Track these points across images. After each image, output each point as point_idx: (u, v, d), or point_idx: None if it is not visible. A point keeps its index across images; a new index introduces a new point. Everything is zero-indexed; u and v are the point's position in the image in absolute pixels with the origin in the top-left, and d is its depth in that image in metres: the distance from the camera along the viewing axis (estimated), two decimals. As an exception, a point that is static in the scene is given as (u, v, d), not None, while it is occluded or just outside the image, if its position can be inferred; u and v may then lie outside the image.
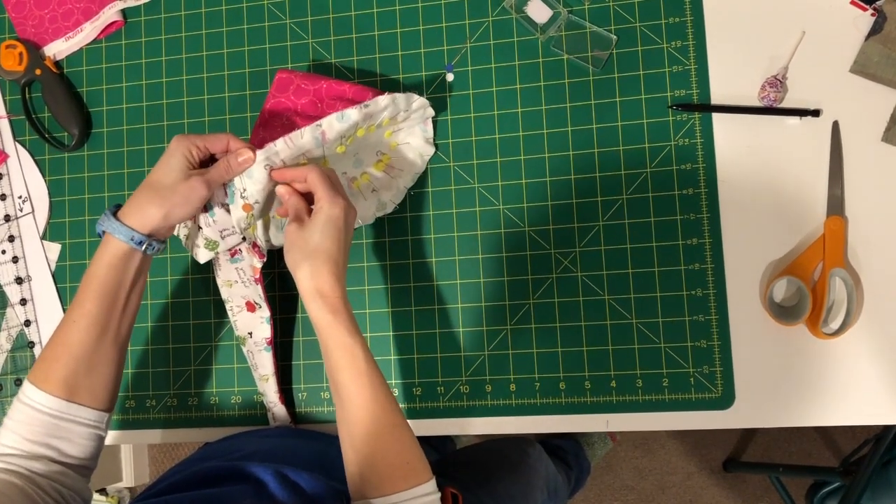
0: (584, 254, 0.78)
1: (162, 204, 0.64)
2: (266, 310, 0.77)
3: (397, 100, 0.72)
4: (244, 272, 0.76)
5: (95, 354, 0.64)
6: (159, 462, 1.74)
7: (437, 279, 0.81)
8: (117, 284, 0.64)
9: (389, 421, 0.61)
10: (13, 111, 0.92)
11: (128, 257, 0.64)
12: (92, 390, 0.64)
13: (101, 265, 0.64)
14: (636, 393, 0.77)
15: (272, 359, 0.79)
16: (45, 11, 0.91)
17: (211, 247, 0.71)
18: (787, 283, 0.76)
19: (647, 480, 1.59)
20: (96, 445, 0.65)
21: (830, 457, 1.53)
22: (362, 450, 0.60)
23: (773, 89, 0.74)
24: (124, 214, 0.64)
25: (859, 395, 0.73)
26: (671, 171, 0.77)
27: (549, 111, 0.80)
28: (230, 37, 0.87)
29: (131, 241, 0.64)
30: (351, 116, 0.69)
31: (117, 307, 0.65)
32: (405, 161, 0.79)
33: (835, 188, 0.74)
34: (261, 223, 0.72)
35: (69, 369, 0.62)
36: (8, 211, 0.90)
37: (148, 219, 0.64)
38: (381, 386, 0.62)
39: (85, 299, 0.64)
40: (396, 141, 0.78)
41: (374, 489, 0.59)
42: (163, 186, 0.64)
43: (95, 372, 0.64)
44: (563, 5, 0.80)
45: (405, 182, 0.80)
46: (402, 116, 0.75)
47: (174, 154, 0.65)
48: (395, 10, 0.84)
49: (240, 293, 0.78)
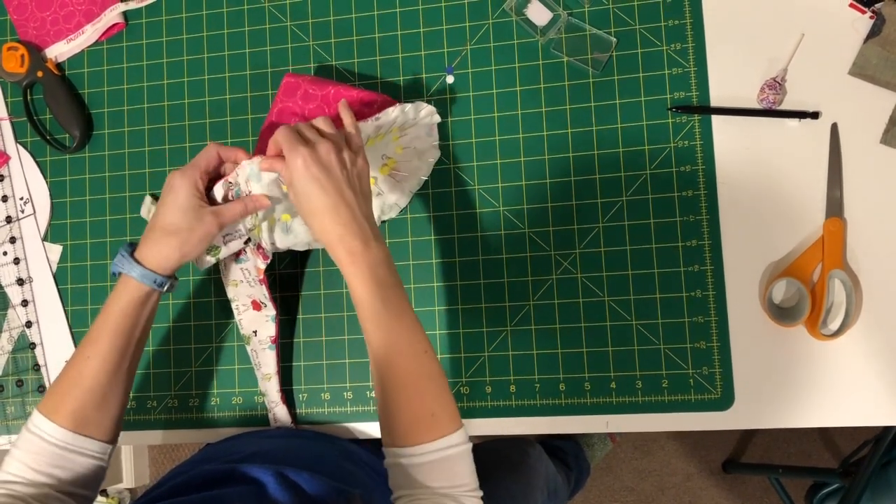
0: (584, 255, 0.78)
1: (181, 247, 0.65)
2: (272, 308, 0.78)
3: (406, 110, 0.73)
4: (249, 272, 0.76)
5: (107, 390, 0.65)
6: (160, 463, 1.74)
7: (437, 280, 0.81)
8: (133, 324, 0.66)
9: (412, 371, 0.60)
10: (15, 113, 0.92)
11: (147, 298, 0.66)
12: (100, 424, 0.65)
13: (120, 305, 0.65)
14: (636, 394, 0.77)
15: (275, 357, 0.80)
16: (46, 13, 0.91)
17: (213, 253, 0.72)
18: (786, 285, 0.76)
19: (646, 482, 1.60)
20: (97, 476, 0.66)
21: (830, 458, 1.53)
22: (384, 400, 0.60)
23: (773, 91, 0.75)
24: (143, 257, 0.65)
25: (858, 396, 0.73)
26: (671, 172, 0.77)
27: (548, 113, 0.80)
28: (231, 39, 0.88)
29: (154, 283, 0.65)
30: (363, 130, 0.69)
31: (131, 345, 0.66)
32: (410, 165, 0.79)
33: (834, 190, 0.74)
34: (266, 225, 0.73)
35: (80, 402, 0.64)
36: (9, 212, 0.91)
37: (168, 261, 0.65)
38: (401, 335, 0.61)
39: (100, 337, 0.65)
40: (402, 145, 0.78)
41: (399, 439, 0.59)
42: (179, 229, 0.65)
43: (104, 407, 0.65)
44: (562, 8, 0.81)
45: (410, 186, 0.80)
46: (409, 124, 0.76)
47: (181, 193, 0.66)
48: (396, 12, 0.84)
49: (245, 292, 0.78)
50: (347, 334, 0.82)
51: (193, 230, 0.65)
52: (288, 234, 0.75)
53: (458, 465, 0.59)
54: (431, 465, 0.58)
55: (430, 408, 0.59)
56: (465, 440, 0.60)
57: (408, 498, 0.58)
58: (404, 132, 0.77)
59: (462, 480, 0.58)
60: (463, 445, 0.59)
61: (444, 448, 0.58)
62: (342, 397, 0.82)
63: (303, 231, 0.75)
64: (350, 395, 0.82)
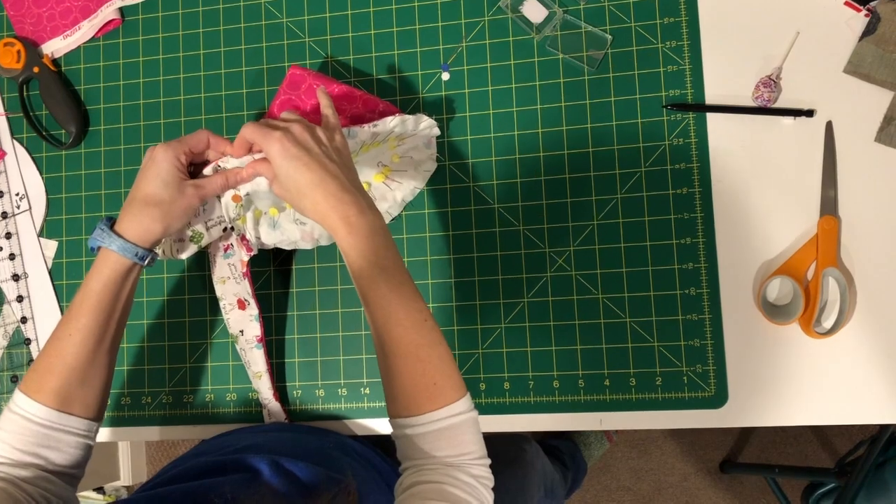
0: (579, 252, 0.78)
1: (163, 218, 0.64)
2: (255, 307, 0.78)
3: (406, 122, 0.73)
4: (236, 268, 0.76)
5: (90, 367, 0.64)
6: (156, 460, 1.74)
7: (432, 277, 0.81)
8: (115, 299, 0.65)
9: (413, 340, 0.59)
10: (10, 109, 0.92)
11: (128, 272, 0.65)
12: (84, 401, 0.64)
13: (100, 280, 0.64)
14: (629, 391, 0.77)
15: (264, 356, 0.80)
16: (43, 9, 0.91)
17: (196, 239, 0.71)
18: (780, 283, 0.76)
19: (643, 481, 1.60)
20: (84, 454, 0.66)
21: (826, 458, 1.53)
22: (386, 370, 0.60)
23: (767, 89, 0.75)
24: (123, 230, 0.64)
25: (852, 394, 0.73)
26: (665, 170, 0.77)
27: (544, 110, 0.80)
28: (227, 35, 0.88)
29: (135, 256, 0.64)
30: (358, 134, 0.69)
31: (113, 320, 0.65)
32: (405, 174, 0.79)
33: (828, 188, 0.74)
34: (251, 216, 0.72)
35: (63, 380, 0.63)
36: (5, 208, 0.91)
37: (150, 234, 0.64)
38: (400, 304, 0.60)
39: (81, 314, 0.63)
40: (398, 154, 0.78)
41: (403, 409, 0.59)
42: (162, 201, 0.64)
43: (88, 384, 0.64)
44: (558, 5, 0.81)
45: (403, 195, 0.79)
46: (408, 134, 0.76)
47: (163, 164, 0.65)
48: (392, 9, 0.84)
49: (232, 290, 0.78)
50: (342, 331, 0.82)
51: (175, 201, 0.64)
52: (275, 229, 0.74)
53: (463, 434, 0.58)
54: (436, 434, 0.57)
55: (431, 377, 0.58)
56: (470, 408, 0.59)
57: (414, 469, 0.58)
58: (402, 141, 0.77)
59: (468, 448, 0.58)
60: (467, 413, 0.59)
61: (447, 417, 0.58)
62: (336, 394, 0.82)
63: (291, 228, 0.75)
64: (344, 392, 0.82)
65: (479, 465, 0.58)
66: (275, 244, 0.76)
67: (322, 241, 0.78)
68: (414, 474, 0.57)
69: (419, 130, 0.76)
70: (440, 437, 0.57)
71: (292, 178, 0.61)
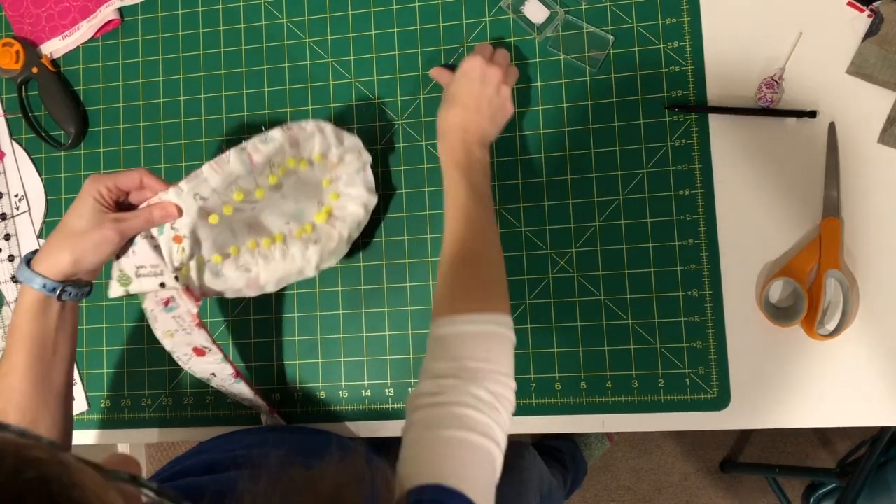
0: (581, 254, 0.78)
1: (72, 250, 0.61)
2: (217, 352, 0.72)
3: (325, 130, 0.70)
4: (183, 319, 0.69)
5: (35, 404, 0.62)
6: (156, 461, 1.73)
7: (434, 279, 0.81)
8: (42, 333, 0.62)
9: (484, 254, 0.64)
10: (9, 109, 0.92)
11: (44, 305, 0.61)
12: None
13: (20, 315, 0.61)
14: (632, 393, 0.76)
15: (247, 385, 0.76)
16: (41, 10, 0.90)
17: (123, 282, 0.66)
18: (782, 285, 0.76)
19: (644, 481, 1.59)
20: None
21: (827, 458, 1.53)
22: (448, 274, 0.63)
23: (770, 90, 0.74)
24: (36, 262, 0.61)
25: (855, 395, 0.73)
26: (668, 171, 0.77)
27: (545, 111, 0.80)
28: (227, 36, 0.87)
29: (43, 288, 0.60)
30: (275, 137, 0.66)
31: (47, 356, 0.62)
32: (347, 210, 0.76)
33: (831, 189, 0.74)
34: (194, 264, 0.68)
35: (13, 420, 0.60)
36: (4, 209, 0.90)
37: (59, 265, 0.61)
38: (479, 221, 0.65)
39: (11, 352, 0.61)
40: (337, 192, 0.75)
41: (448, 307, 0.60)
42: (73, 232, 0.61)
43: (40, 422, 0.62)
44: (560, 5, 0.80)
45: (348, 231, 0.76)
46: (334, 155, 0.72)
47: (84, 198, 0.63)
48: (392, 9, 0.84)
49: (184, 341, 0.71)
50: (343, 333, 0.82)
51: (87, 234, 0.61)
52: (217, 277, 0.70)
53: (499, 346, 0.58)
54: (474, 337, 0.57)
55: (487, 283, 0.62)
56: (512, 331, 0.60)
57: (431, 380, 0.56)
58: (335, 175, 0.74)
59: (499, 361, 0.57)
60: (509, 331, 0.60)
61: (490, 321, 0.59)
62: (337, 395, 0.82)
63: (234, 276, 0.71)
64: (345, 394, 0.82)
65: (503, 384, 0.57)
66: (217, 293, 0.71)
67: (268, 288, 0.73)
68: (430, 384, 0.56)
69: (345, 148, 0.72)
70: (476, 340, 0.57)
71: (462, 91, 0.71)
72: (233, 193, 0.67)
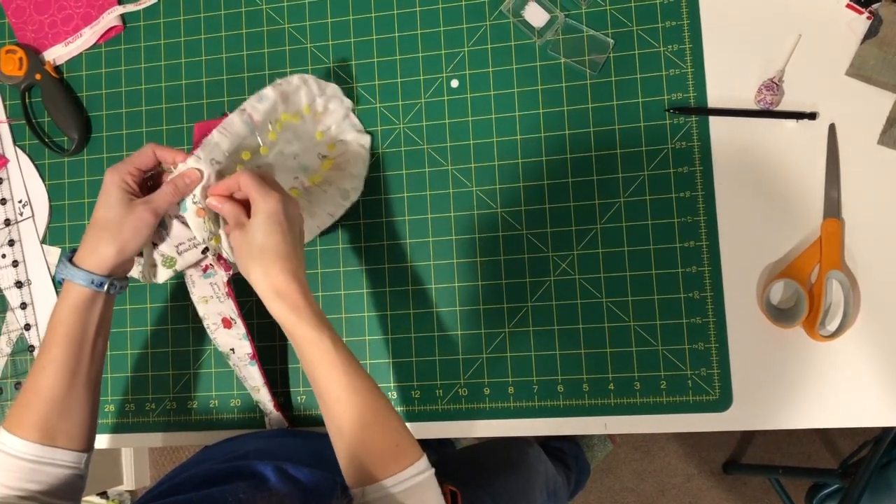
0: (582, 257, 0.78)
1: (114, 241, 0.63)
2: (241, 326, 0.76)
3: (308, 81, 0.75)
4: (218, 287, 0.74)
5: (68, 398, 0.64)
6: (160, 465, 1.74)
7: (436, 282, 0.81)
8: (83, 330, 0.64)
9: (371, 408, 0.61)
10: (13, 116, 0.92)
11: (91, 301, 0.64)
12: (68, 433, 0.64)
13: (64, 312, 0.63)
14: (634, 395, 0.77)
15: (259, 371, 0.79)
16: (44, 16, 0.91)
17: (168, 264, 0.69)
18: (784, 286, 0.76)
19: (646, 483, 1.60)
20: (76, 486, 0.65)
21: (830, 459, 1.53)
22: (350, 441, 0.60)
23: (770, 92, 0.75)
24: (80, 259, 0.63)
25: (857, 396, 0.73)
26: (668, 174, 0.77)
27: (546, 115, 0.80)
28: (229, 41, 0.88)
29: (91, 284, 0.63)
30: (268, 95, 0.71)
31: (85, 351, 0.64)
32: (348, 154, 0.80)
33: (831, 191, 0.74)
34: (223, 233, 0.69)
35: (42, 414, 0.62)
36: (8, 215, 0.91)
37: (103, 259, 0.63)
38: (357, 375, 0.61)
39: (52, 346, 0.63)
40: (332, 142, 0.79)
41: (368, 476, 0.59)
42: (110, 224, 0.63)
43: (69, 415, 0.64)
44: (560, 9, 0.81)
45: (357, 169, 0.80)
46: (319, 105, 0.78)
47: (110, 189, 0.64)
48: (393, 14, 0.84)
49: (216, 310, 0.76)
50: (345, 336, 0.82)
51: (124, 222, 0.63)
52: None
53: (428, 491, 0.60)
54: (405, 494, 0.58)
55: (394, 439, 0.60)
56: (429, 466, 0.61)
57: None
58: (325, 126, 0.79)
59: None
60: (429, 471, 0.61)
61: (414, 475, 0.59)
62: (340, 399, 0.82)
63: None
64: (348, 397, 0.82)
65: None
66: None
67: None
68: None
69: (327, 96, 0.77)
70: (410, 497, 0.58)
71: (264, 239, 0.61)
72: (241, 154, 0.71)
